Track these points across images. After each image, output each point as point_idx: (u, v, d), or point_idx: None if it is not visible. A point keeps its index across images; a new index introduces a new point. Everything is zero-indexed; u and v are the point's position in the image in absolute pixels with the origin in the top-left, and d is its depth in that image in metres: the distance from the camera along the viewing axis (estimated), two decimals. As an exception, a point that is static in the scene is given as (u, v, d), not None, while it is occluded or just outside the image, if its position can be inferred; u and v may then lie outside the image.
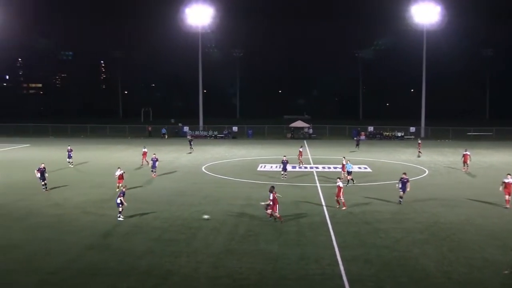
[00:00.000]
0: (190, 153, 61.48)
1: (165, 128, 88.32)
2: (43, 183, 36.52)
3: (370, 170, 48.30)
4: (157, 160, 43.13)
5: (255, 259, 21.98)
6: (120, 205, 28.30)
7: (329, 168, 49.35)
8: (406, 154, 62.03)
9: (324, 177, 43.64)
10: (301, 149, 52.28)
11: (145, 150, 50.06)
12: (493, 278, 19.98)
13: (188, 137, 68.31)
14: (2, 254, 22.56)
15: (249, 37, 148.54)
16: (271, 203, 27.41)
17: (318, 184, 39.91)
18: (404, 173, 33.39)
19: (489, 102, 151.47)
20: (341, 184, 31.26)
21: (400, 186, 32.46)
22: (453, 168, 49.98)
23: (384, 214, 30.10)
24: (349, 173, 39.29)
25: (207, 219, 27.84)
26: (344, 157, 43.20)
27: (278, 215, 27.46)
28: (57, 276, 20.05)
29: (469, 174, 46.14)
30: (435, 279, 19.84)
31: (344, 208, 30.84)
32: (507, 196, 31.48)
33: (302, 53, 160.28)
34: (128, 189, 31.11)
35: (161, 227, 27.00)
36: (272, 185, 29.34)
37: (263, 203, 28.32)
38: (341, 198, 31.09)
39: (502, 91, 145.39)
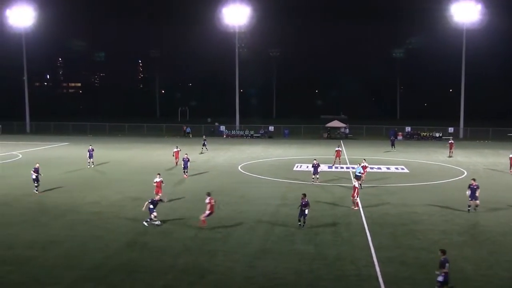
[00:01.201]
0: (202, 153, 60.43)
1: (189, 127, 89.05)
2: (36, 184, 35.52)
3: (407, 171, 47.76)
4: (188, 160, 43.28)
5: (291, 259, 22.02)
6: (153, 212, 27.27)
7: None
8: (444, 155, 61.05)
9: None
10: (338, 149, 52.10)
11: (177, 149, 50.32)
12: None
13: (203, 137, 66.60)
14: (42, 250, 23.13)
15: (286, 36, 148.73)
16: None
17: (356, 184, 39.57)
18: (473, 179, 30.81)
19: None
20: (356, 184, 31.60)
21: (469, 193, 30.07)
22: (492, 169, 49.01)
23: (421, 215, 29.75)
24: (357, 177, 36.61)
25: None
26: (364, 159, 41.58)
27: (203, 219, 26.87)
28: (96, 272, 20.46)
29: (509, 175, 45.17)
30: (474, 282, 19.56)
31: (356, 208, 30.71)
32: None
33: (339, 53, 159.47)
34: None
35: (197, 225, 27.23)
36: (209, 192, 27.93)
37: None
38: (356, 198, 31.08)
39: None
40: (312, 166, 40.43)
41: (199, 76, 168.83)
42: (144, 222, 27.24)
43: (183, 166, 42.91)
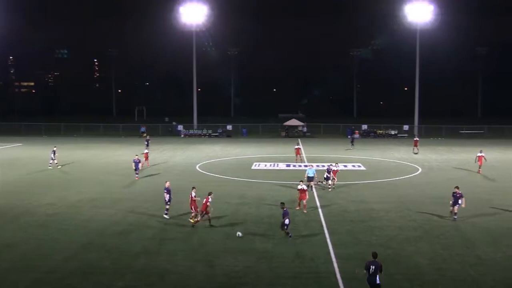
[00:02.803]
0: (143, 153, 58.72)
1: (144, 127, 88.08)
2: None
3: (364, 169, 48.50)
4: (139, 161, 42.16)
5: (251, 257, 22.11)
6: (168, 203, 28.87)
7: (324, 166, 49.39)
8: (400, 152, 62.26)
9: (318, 175, 43.70)
10: (298, 146, 52.66)
11: (147, 151, 49.76)
12: (486, 275, 20.21)
13: (146, 136, 64.29)
14: (-2, 254, 22.62)
15: (244, 35, 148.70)
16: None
17: (312, 183, 39.95)
18: (457, 187, 29.23)
19: (481, 100, 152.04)
20: (305, 187, 30.69)
21: (452, 201, 28.78)
22: (446, 166, 50.24)
23: (378, 212, 30.28)
24: (309, 179, 35.84)
25: (240, 236, 24.94)
26: (336, 163, 40.73)
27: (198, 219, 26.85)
28: (53, 275, 20.11)
29: (463, 171, 46.37)
30: (429, 276, 20.05)
31: (305, 211, 29.86)
32: None
33: (296, 52, 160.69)
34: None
35: (157, 226, 27.09)
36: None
37: None
38: (303, 200, 30.20)
39: (494, 89, 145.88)
40: (327, 171, 37.99)
41: (157, 75, 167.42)
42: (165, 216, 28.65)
43: (134, 168, 41.71)
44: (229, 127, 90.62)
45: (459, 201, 28.42)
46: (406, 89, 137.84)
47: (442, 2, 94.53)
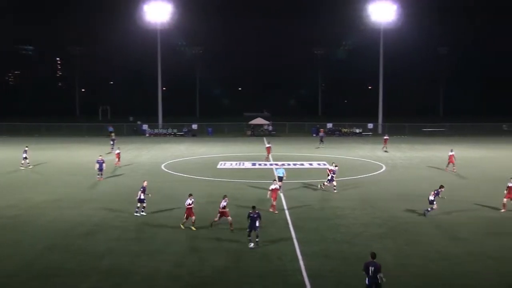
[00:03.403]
0: (109, 153, 56.05)
1: (111, 127, 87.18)
2: None
3: (330, 167, 48.75)
4: (103, 162, 41.29)
5: (218, 256, 22.10)
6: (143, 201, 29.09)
7: (289, 165, 49.72)
8: (364, 150, 63.04)
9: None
10: (268, 145, 52.86)
11: (119, 151, 49.13)
12: (446, 269, 20.65)
13: (112, 135, 63.68)
14: (-43, 257, 22.06)
15: (209, 34, 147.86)
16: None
17: (278, 181, 40.12)
18: (442, 186, 29.67)
19: (443, 99, 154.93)
20: (277, 186, 30.56)
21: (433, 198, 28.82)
22: (409, 163, 51.03)
23: (343, 209, 30.59)
24: (279, 178, 34.78)
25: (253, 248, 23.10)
26: (333, 163, 38.34)
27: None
28: (15, 278, 19.74)
29: (426, 168, 47.16)
30: (393, 272, 20.33)
31: (276, 212, 29.45)
32: (505, 200, 30.12)
33: (262, 51, 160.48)
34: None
35: (121, 226, 26.84)
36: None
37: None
38: (273, 200, 29.77)
39: (455, 88, 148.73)
40: (332, 173, 36.18)
41: (121, 74, 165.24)
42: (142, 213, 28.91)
43: (97, 168, 40.78)
44: (194, 126, 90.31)
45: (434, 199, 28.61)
46: (370, 88, 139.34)
47: (405, 2, 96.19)
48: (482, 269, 20.67)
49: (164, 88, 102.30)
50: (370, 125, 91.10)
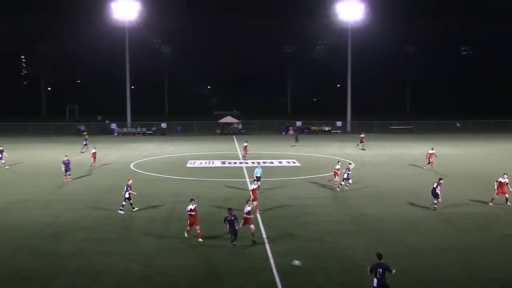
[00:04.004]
0: (82, 153, 56.41)
1: (82, 126, 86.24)
2: None
3: (299, 164, 49.12)
4: (69, 162, 40.42)
5: (187, 255, 22.01)
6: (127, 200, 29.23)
7: (259, 163, 49.73)
8: (333, 148, 63.49)
9: (254, 172, 43.95)
10: (246, 144, 52.82)
11: (95, 150, 48.25)
12: (415, 264, 20.94)
13: (85, 134, 63.10)
14: None
15: (178, 32, 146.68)
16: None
17: (247, 180, 40.19)
18: (441, 179, 30.53)
19: (410, 97, 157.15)
20: (254, 186, 30.11)
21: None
22: (378, 161, 51.58)
23: (313, 207, 30.74)
24: (258, 178, 34.33)
25: (297, 266, 20.60)
26: (338, 161, 38.66)
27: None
28: (-19, 281, 19.34)
29: (394, 166, 47.70)
30: (363, 269, 20.50)
31: (259, 213, 28.68)
32: (496, 196, 30.84)
33: (231, 50, 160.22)
34: None
35: (90, 226, 26.50)
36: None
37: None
38: (255, 201, 28.74)
39: (421, 86, 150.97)
40: (348, 170, 35.67)
41: (89, 73, 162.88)
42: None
43: (64, 169, 39.91)
44: (163, 125, 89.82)
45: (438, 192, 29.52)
46: (339, 86, 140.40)
47: (373, 1, 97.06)
48: (451, 264, 20.98)
49: (132, 87, 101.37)
50: (339, 123, 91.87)
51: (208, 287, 18.98)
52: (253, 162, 49.69)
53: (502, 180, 30.75)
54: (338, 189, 35.39)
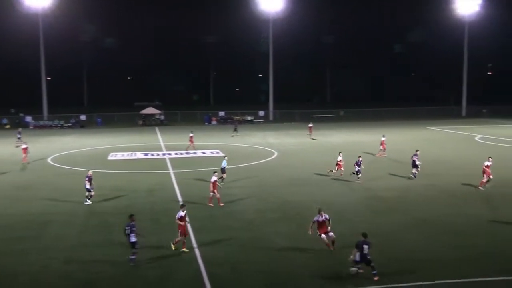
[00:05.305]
0: (18, 146, 52.89)
1: (6, 119, 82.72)
2: None
3: (222, 154, 49.03)
4: None
5: (109, 250, 21.52)
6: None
7: (182, 154, 49.42)
8: (256, 137, 63.89)
9: (177, 163, 43.64)
10: (191, 135, 52.42)
11: (26, 145, 45.72)
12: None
13: (18, 129, 61.22)
14: None
15: (97, 21, 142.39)
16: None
17: (171, 171, 39.81)
18: (417, 151, 36.46)
19: (330, 86, 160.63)
20: (215, 178, 28.99)
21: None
22: (300, 149, 52.40)
23: (237, 196, 30.82)
24: (222, 170, 34.37)
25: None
26: (340, 153, 37.71)
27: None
28: None
29: (316, 153, 48.59)
30: (287, 255, 20.80)
31: (222, 205, 28.31)
32: (485, 178, 32.09)
33: (152, 39, 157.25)
34: None
35: (6, 224, 25.37)
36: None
37: None
38: (216, 193, 28.43)
39: (342, 76, 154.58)
40: (357, 164, 34.66)
41: (0, 63, 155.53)
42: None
43: None
44: (82, 117, 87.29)
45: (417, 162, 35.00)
46: (260, 76, 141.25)
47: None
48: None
49: (49, 78, 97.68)
50: (262, 113, 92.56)
51: (130, 282, 18.57)
52: (176, 154, 49.34)
53: (488, 163, 32.35)
54: (354, 177, 34.52)
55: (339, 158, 36.41)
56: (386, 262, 19.72)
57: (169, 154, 49.40)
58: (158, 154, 49.45)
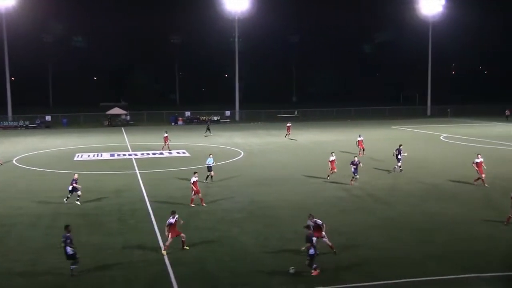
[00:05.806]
0: None
1: None
2: None
3: (189, 155, 49.25)
4: None
5: (78, 251, 21.44)
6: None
7: (148, 154, 49.42)
8: (222, 137, 64.15)
9: (144, 163, 43.64)
10: (166, 135, 52.29)
11: None
12: (302, 247, 21.71)
13: None
14: None
15: (62, 21, 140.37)
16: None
17: (137, 171, 39.80)
18: (400, 145, 38.56)
19: (295, 86, 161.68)
20: (195, 179, 28.88)
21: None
22: (266, 148, 52.83)
23: (204, 196, 30.86)
24: (209, 168, 34.84)
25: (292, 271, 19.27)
26: (332, 152, 36.82)
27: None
28: None
29: (283, 153, 49.11)
30: (254, 255, 21.15)
31: (204, 205, 28.61)
32: (483, 175, 32.73)
33: (117, 39, 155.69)
34: None
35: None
36: None
37: None
38: (198, 194, 28.67)
39: (305, 75, 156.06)
40: (353, 164, 33.84)
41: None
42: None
43: None
44: (48, 118, 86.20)
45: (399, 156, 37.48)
46: (226, 76, 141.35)
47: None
48: (334, 244, 21.84)
49: (13, 78, 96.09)
50: (228, 113, 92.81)
51: (97, 283, 18.65)
52: (142, 154, 49.34)
53: (478, 160, 33.16)
54: (354, 180, 33.88)
55: (331, 158, 35.27)
56: (351, 260, 20.26)
57: (135, 154, 49.34)
58: (124, 155, 49.32)
